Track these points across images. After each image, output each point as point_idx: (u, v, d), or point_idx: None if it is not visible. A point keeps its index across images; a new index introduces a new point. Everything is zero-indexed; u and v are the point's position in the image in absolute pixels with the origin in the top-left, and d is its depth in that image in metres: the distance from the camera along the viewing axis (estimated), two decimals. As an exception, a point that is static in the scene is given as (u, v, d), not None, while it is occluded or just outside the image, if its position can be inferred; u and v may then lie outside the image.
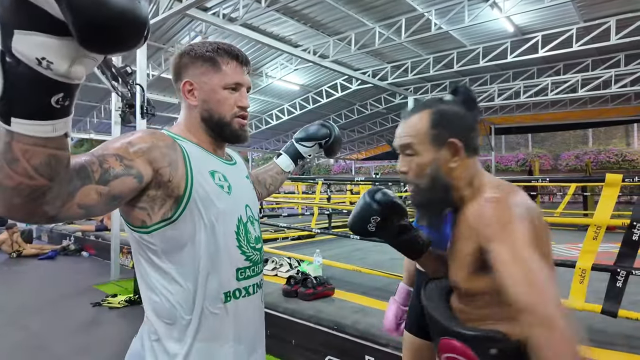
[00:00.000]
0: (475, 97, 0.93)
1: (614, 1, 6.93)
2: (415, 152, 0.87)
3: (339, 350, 2.40)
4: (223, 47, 0.89)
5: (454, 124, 0.87)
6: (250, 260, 0.91)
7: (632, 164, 15.10)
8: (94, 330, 3.46)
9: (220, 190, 0.86)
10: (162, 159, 0.76)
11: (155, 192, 0.76)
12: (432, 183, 0.87)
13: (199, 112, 0.89)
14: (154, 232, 0.79)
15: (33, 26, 0.41)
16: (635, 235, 2.11)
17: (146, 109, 4.88)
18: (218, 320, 0.84)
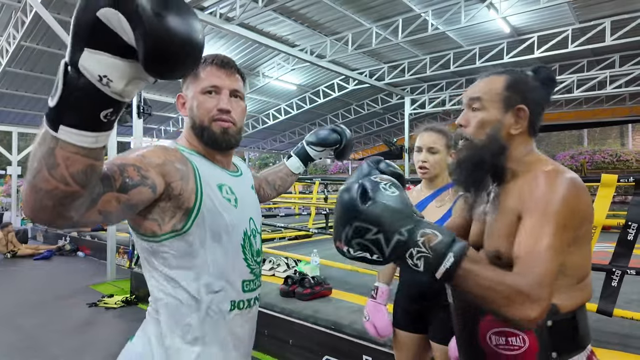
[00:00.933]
0: (555, 80, 0.93)
1: (609, 3, 6.98)
2: (482, 107, 0.87)
3: (337, 350, 2.40)
4: (208, 57, 0.91)
5: (527, 94, 0.87)
6: (254, 273, 0.93)
7: (627, 164, 15.21)
8: (90, 331, 3.45)
9: (227, 203, 0.87)
10: (175, 173, 0.79)
11: (166, 204, 0.78)
12: (488, 141, 0.85)
13: (188, 121, 0.92)
14: (164, 241, 0.81)
15: (104, 47, 0.45)
16: (630, 235, 2.13)
17: (143, 109, 4.87)
18: (222, 328, 0.86)
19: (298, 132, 17.27)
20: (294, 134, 17.49)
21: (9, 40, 6.93)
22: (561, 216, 0.73)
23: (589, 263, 0.86)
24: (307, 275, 3.05)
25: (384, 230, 0.64)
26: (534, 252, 0.70)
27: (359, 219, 0.65)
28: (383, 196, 0.65)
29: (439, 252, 0.64)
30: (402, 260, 0.67)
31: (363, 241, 0.65)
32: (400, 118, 16.08)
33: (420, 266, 0.65)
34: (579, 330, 0.81)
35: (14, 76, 8.60)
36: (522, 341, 0.79)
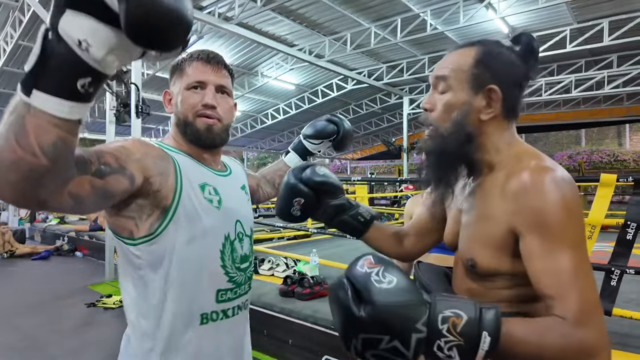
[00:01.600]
0: (537, 50, 0.78)
1: (606, 3, 7.00)
2: (449, 87, 0.74)
3: (336, 350, 2.40)
4: (195, 53, 0.89)
5: (500, 71, 0.73)
6: (234, 281, 0.86)
7: (624, 164, 15.26)
8: (89, 331, 3.43)
9: (209, 204, 0.83)
10: (153, 167, 0.75)
11: (143, 200, 0.74)
12: (454, 129, 0.73)
13: (174, 118, 0.89)
14: (140, 244, 0.77)
15: (87, 9, 0.42)
16: (629, 234, 2.14)
17: (141, 108, 4.85)
18: (193, 342, 0.81)
19: (297, 132, 17.26)
20: (293, 134, 17.48)
21: (6, 39, 6.90)
22: (580, 234, 0.66)
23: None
24: (306, 275, 3.05)
25: (397, 336, 0.54)
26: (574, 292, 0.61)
27: (363, 330, 0.54)
28: (380, 293, 0.54)
29: (471, 335, 0.55)
30: (432, 355, 0.56)
31: (378, 352, 0.55)
32: (398, 118, 16.09)
33: (455, 357, 0.55)
34: None
35: (11, 75, 8.58)
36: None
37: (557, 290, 0.62)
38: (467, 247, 0.77)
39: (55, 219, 9.09)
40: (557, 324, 0.60)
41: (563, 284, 0.62)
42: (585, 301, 0.61)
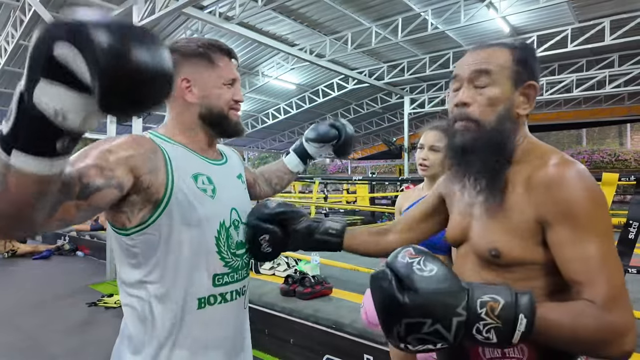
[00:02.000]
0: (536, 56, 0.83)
1: (608, 2, 6.99)
2: (493, 81, 0.74)
3: (338, 349, 2.40)
4: (214, 43, 0.90)
5: (536, 69, 0.77)
6: (230, 266, 0.88)
7: (625, 163, 15.24)
8: (90, 330, 3.44)
9: (202, 194, 0.84)
10: (143, 165, 0.76)
11: (135, 197, 0.76)
12: (499, 122, 0.73)
13: (198, 108, 0.88)
14: (132, 234, 0.79)
15: (60, 79, 0.42)
16: (632, 233, 2.13)
17: (142, 108, 4.87)
18: (192, 327, 0.83)
19: (297, 131, 17.27)
20: (294, 134, 17.49)
21: (7, 39, 6.91)
22: (607, 223, 0.68)
23: None
24: (307, 274, 3.05)
25: (439, 319, 0.58)
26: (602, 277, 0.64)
27: (407, 315, 0.58)
28: (423, 281, 0.59)
29: (508, 318, 0.58)
30: (471, 338, 0.60)
31: (421, 336, 0.59)
32: (399, 117, 16.09)
33: (493, 338, 0.59)
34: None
35: (12, 75, 8.59)
36: (521, 352, 0.72)
37: (587, 276, 0.65)
38: (487, 238, 0.76)
39: (56, 218, 9.11)
40: (588, 308, 0.63)
41: (592, 270, 0.65)
42: (614, 286, 0.64)
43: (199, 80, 0.88)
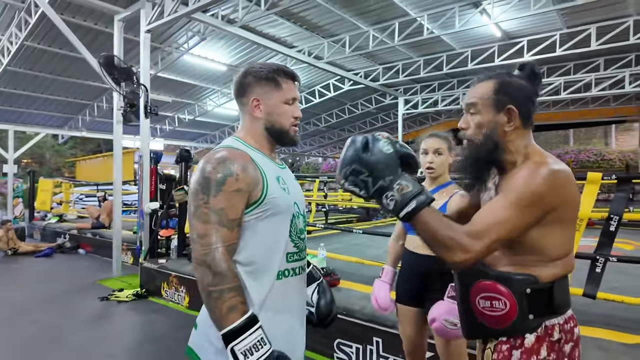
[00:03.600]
0: (539, 74, 1.04)
1: (594, 10, 7.31)
2: (478, 111, 1.01)
3: (348, 334, 2.60)
4: (281, 68, 1.10)
5: (515, 94, 0.98)
6: (297, 247, 1.09)
7: (610, 163, 15.72)
8: (106, 322, 3.60)
9: (283, 192, 1.06)
10: (248, 186, 0.98)
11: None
12: (485, 140, 0.99)
13: (263, 123, 1.09)
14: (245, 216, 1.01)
15: None
16: (612, 226, 2.39)
17: (150, 109, 5.01)
18: (274, 294, 1.03)
19: (292, 131, 17.39)
20: (288, 133, 17.61)
21: (10, 39, 6.98)
22: (523, 198, 0.88)
23: (569, 244, 0.98)
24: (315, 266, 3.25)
25: (373, 175, 0.86)
26: (484, 219, 0.89)
27: (358, 163, 0.86)
28: (379, 151, 0.86)
29: (406, 198, 0.85)
30: (379, 200, 0.87)
31: (356, 179, 0.87)
32: (393, 118, 16.34)
33: (391, 206, 0.86)
34: (555, 298, 0.94)
35: (13, 75, 8.63)
36: (504, 304, 0.93)
37: (477, 218, 0.90)
38: None
39: (54, 217, 9.16)
40: (457, 227, 0.87)
41: (484, 216, 0.90)
42: (486, 225, 0.87)
43: (265, 100, 1.08)
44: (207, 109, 12.99)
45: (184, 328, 3.28)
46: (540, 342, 0.94)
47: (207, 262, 0.92)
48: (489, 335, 1.00)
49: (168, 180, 5.21)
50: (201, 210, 0.95)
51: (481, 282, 0.97)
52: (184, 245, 4.63)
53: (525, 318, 0.93)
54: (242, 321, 0.90)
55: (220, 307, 0.91)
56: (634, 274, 3.60)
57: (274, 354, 0.91)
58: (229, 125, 15.80)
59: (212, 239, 0.93)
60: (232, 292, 0.92)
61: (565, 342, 0.96)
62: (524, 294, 0.93)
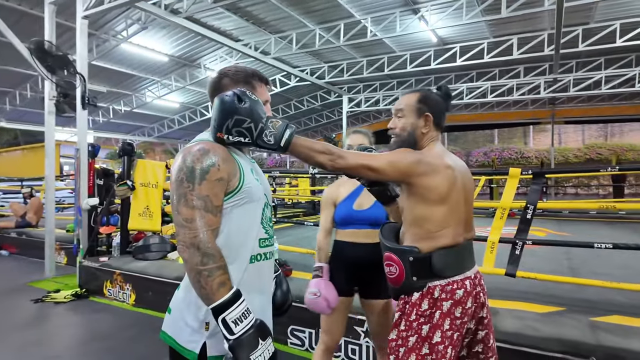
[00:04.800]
0: (450, 93, 1.39)
1: (516, 22, 8.16)
2: (404, 115, 1.33)
3: (301, 320, 2.74)
4: (256, 73, 1.20)
5: (432, 105, 1.31)
6: (268, 233, 1.17)
7: (529, 160, 17.55)
8: (45, 324, 3.40)
9: (256, 182, 1.14)
10: (227, 177, 1.05)
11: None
12: (407, 137, 1.31)
13: None
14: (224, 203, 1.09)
15: None
16: (529, 214, 2.79)
17: (88, 100, 4.73)
18: (247, 276, 1.10)
19: (236, 125, 17.11)
20: (232, 128, 17.30)
21: None
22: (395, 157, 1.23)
23: (444, 220, 1.23)
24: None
25: (254, 120, 1.01)
26: (359, 155, 1.20)
27: (238, 113, 1.00)
28: (251, 100, 1.02)
29: (281, 130, 1.05)
30: (261, 140, 1.03)
31: (240, 129, 1.01)
32: (337, 115, 16.75)
33: (272, 141, 1.04)
34: (433, 265, 1.21)
35: None
36: (396, 269, 1.25)
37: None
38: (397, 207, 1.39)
39: (-33, 216, 8.21)
40: (327, 146, 1.15)
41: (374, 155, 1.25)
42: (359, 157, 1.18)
43: None
44: (146, 100, 12.36)
45: (132, 326, 3.21)
46: (422, 298, 1.22)
47: (195, 244, 0.99)
48: (395, 293, 1.31)
49: (106, 175, 4.96)
50: (187, 197, 1.01)
51: (385, 252, 1.31)
52: (127, 243, 4.47)
53: (410, 280, 1.23)
54: (231, 295, 0.98)
55: (211, 284, 0.97)
56: (546, 257, 4.18)
57: (257, 321, 1.01)
58: (168, 118, 15.16)
59: (199, 223, 1.00)
60: (220, 270, 0.99)
61: (444, 300, 1.20)
62: (408, 262, 1.23)
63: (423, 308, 1.21)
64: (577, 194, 16.60)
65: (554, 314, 2.29)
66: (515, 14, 6.58)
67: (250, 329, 0.97)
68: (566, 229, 6.44)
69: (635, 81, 10.51)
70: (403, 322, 1.23)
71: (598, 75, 10.55)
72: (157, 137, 16.82)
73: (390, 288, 1.32)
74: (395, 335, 1.24)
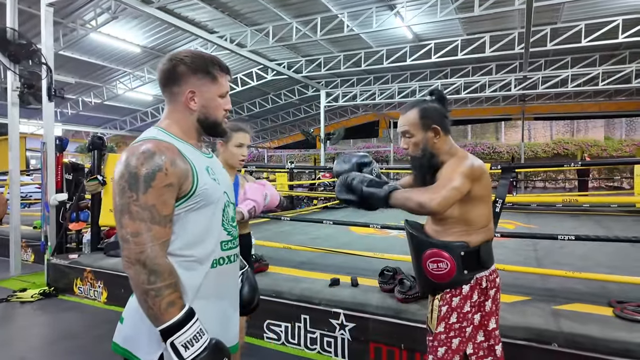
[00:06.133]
0: (445, 97, 1.41)
1: (488, 21, 8.36)
2: (411, 135, 1.35)
3: (277, 314, 2.75)
4: (217, 61, 1.08)
5: (434, 115, 1.34)
6: (230, 235, 1.10)
7: (500, 155, 18.10)
8: (10, 325, 3.28)
9: (213, 182, 1.04)
10: (177, 182, 0.95)
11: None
12: (422, 153, 1.34)
13: (197, 115, 1.06)
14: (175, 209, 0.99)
15: None
16: (497, 208, 2.89)
17: (54, 91, 4.55)
18: (208, 282, 1.02)
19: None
20: (208, 121, 17.00)
21: None
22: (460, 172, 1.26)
23: (487, 216, 1.34)
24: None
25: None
26: (440, 186, 1.23)
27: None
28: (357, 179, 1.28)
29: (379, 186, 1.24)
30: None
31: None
32: (315, 109, 16.73)
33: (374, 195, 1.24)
34: (481, 257, 1.31)
35: None
36: (447, 265, 1.29)
37: (442, 181, 1.26)
38: None
39: None
40: (420, 190, 1.25)
41: (439, 186, 1.25)
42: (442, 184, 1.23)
43: (202, 93, 1.05)
44: (117, 92, 11.96)
45: (103, 324, 3.14)
46: (473, 290, 1.30)
47: (141, 261, 0.89)
48: (437, 289, 1.34)
49: (75, 170, 4.80)
50: (131, 208, 0.90)
51: (429, 250, 1.33)
52: (99, 239, 4.35)
53: (462, 273, 1.29)
54: (181, 316, 0.90)
55: (159, 304, 0.89)
56: (514, 248, 4.35)
57: (212, 342, 0.94)
58: (141, 111, 14.74)
59: (146, 237, 0.90)
60: (169, 289, 0.90)
61: (490, 288, 1.33)
62: (459, 256, 1.28)
63: (474, 299, 1.30)
64: (545, 187, 17.28)
65: (519, 303, 2.39)
66: (487, 12, 6.74)
67: (203, 353, 0.90)
68: (534, 222, 6.70)
69: (598, 80, 10.99)
70: (455, 314, 1.30)
71: (565, 73, 10.97)
72: (130, 130, 16.32)
73: (429, 284, 1.35)
74: (444, 328, 1.30)
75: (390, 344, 2.34)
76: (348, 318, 2.48)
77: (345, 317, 2.49)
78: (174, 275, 0.93)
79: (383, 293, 2.60)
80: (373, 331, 2.40)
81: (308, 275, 3.12)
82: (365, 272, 3.06)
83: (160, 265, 0.91)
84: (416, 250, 1.38)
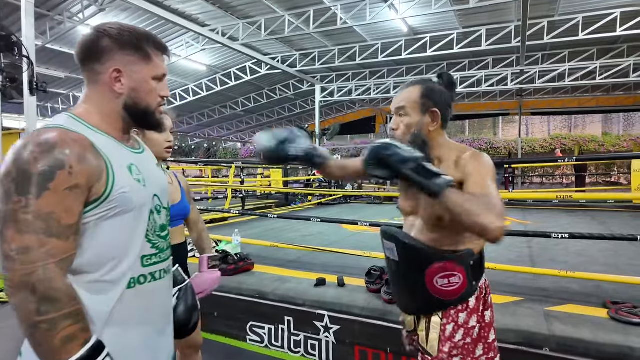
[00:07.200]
0: (455, 82, 1.19)
1: (484, 13, 8.22)
2: (407, 113, 1.13)
3: (261, 315, 2.66)
4: (151, 37, 0.89)
5: (437, 99, 1.13)
6: (157, 247, 0.91)
7: (498, 150, 18.01)
8: (-13, 327, 3.17)
9: (137, 184, 0.86)
10: (86, 182, 0.77)
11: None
12: (413, 139, 1.11)
13: (124, 100, 0.87)
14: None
15: None
16: (489, 205, 2.79)
17: (36, 85, 4.42)
18: (123, 306, 0.83)
19: (207, 114, 16.71)
20: (203, 116, 16.89)
21: None
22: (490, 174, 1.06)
23: None
24: (229, 253, 3.24)
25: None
26: (487, 193, 1.00)
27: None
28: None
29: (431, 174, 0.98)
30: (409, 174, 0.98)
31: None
32: (311, 105, 16.59)
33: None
34: (482, 264, 1.16)
35: None
36: (460, 278, 1.09)
37: (482, 190, 1.00)
38: (433, 210, 1.10)
39: None
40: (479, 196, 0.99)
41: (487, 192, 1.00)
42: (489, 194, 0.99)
43: (130, 73, 0.86)
44: (109, 87, 11.80)
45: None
46: (479, 301, 1.14)
47: (29, 285, 0.70)
48: (444, 307, 1.13)
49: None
50: (18, 217, 0.71)
51: (437, 264, 1.09)
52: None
53: (471, 285, 1.11)
54: (84, 353, 0.73)
55: (51, 340, 0.70)
56: (507, 245, 4.25)
57: None
58: (135, 107, 14.57)
59: (37, 255, 0.71)
60: (68, 320, 0.72)
61: (488, 294, 1.18)
62: (469, 266, 1.10)
63: (480, 311, 1.13)
64: (542, 183, 17.22)
65: (511, 304, 2.30)
66: (483, 4, 6.61)
67: None
68: (530, 218, 6.62)
69: (596, 74, 10.89)
70: (461, 332, 1.12)
71: (562, 67, 10.86)
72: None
73: (432, 303, 1.13)
74: (449, 348, 1.11)
75: (376, 347, 2.24)
76: (333, 320, 2.38)
77: (330, 319, 2.39)
78: (76, 302, 0.74)
79: (370, 293, 2.50)
80: (358, 334, 2.31)
81: (295, 274, 3.02)
82: (354, 271, 2.97)
83: (56, 290, 0.71)
84: (416, 264, 1.14)
